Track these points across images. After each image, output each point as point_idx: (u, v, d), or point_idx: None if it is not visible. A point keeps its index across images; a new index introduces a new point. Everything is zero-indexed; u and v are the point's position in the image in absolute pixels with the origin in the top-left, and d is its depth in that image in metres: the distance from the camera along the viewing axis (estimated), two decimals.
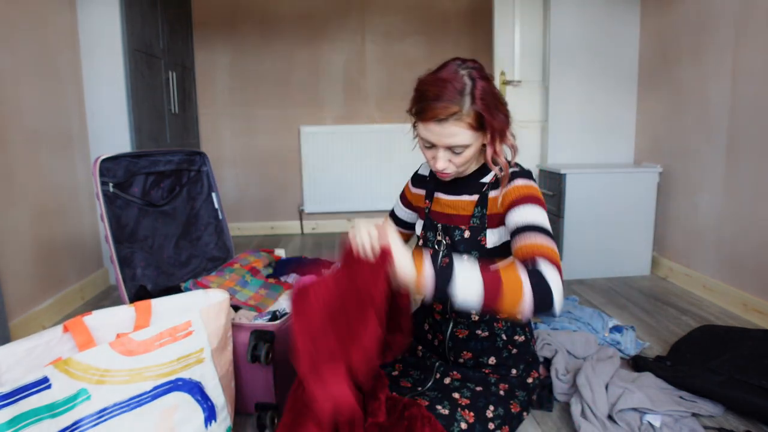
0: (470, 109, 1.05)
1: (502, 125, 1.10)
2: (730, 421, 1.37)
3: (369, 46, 3.79)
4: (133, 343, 1.00)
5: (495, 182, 1.18)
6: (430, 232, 1.27)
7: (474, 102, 1.05)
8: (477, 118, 1.06)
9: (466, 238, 1.18)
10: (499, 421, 1.12)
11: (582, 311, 2.01)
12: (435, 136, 1.09)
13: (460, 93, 1.05)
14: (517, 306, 0.90)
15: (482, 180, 1.21)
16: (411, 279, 0.91)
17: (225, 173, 3.81)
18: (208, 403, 1.13)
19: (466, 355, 1.23)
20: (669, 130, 2.61)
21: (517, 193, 1.12)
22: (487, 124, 1.07)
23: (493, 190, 1.17)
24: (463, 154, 1.10)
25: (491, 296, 0.89)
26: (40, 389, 0.89)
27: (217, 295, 1.27)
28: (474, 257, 1.18)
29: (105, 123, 2.51)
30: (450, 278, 0.91)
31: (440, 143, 1.09)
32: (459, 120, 1.05)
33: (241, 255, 2.11)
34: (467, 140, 1.08)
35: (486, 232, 1.16)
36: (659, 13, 2.66)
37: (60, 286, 2.23)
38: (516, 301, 0.90)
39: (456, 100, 1.04)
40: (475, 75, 1.07)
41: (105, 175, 1.62)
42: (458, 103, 1.04)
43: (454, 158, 1.11)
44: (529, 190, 1.12)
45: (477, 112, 1.05)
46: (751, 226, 2.08)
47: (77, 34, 2.45)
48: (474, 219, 1.19)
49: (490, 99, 1.07)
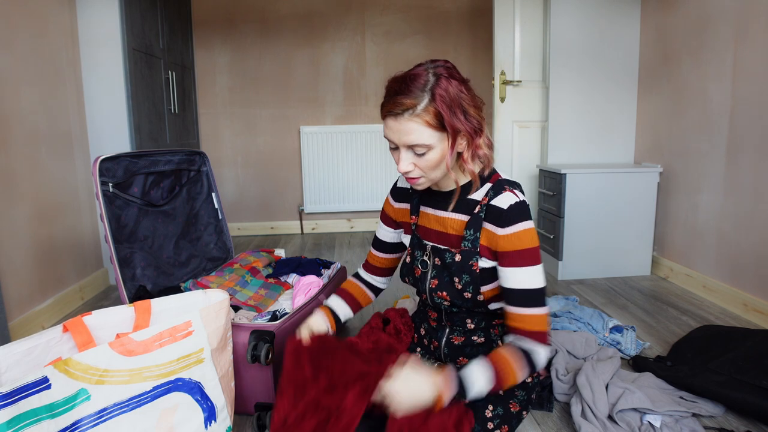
0: (428, 106, 1.00)
1: (466, 129, 1.03)
2: (731, 422, 1.37)
3: (369, 46, 3.79)
4: (132, 343, 1.00)
5: (486, 206, 1.11)
6: (418, 251, 1.23)
7: (433, 99, 1.00)
8: (436, 116, 1.00)
9: (457, 261, 1.14)
10: (498, 420, 1.12)
11: (582, 311, 2.01)
12: (393, 133, 1.04)
13: (420, 89, 1.01)
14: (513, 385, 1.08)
15: (471, 196, 1.14)
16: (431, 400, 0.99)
17: (225, 173, 3.81)
18: (207, 403, 1.13)
19: (462, 361, 1.23)
20: (669, 130, 2.61)
21: (517, 245, 1.06)
22: (446, 125, 1.01)
23: (486, 220, 1.10)
24: (426, 156, 1.03)
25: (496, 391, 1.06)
26: (40, 389, 0.89)
27: (217, 295, 1.27)
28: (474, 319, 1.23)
29: (105, 123, 2.51)
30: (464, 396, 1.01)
31: (399, 142, 1.03)
32: (415, 116, 1.00)
33: (241, 255, 2.11)
34: (426, 140, 1.01)
35: (477, 258, 1.12)
36: (659, 13, 2.66)
37: (60, 286, 2.23)
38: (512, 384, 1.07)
39: (414, 95, 1.00)
40: (441, 72, 1.02)
41: (105, 175, 1.62)
42: (415, 98, 1.00)
43: (418, 161, 1.04)
44: (526, 242, 1.06)
45: (436, 110, 1.00)
46: (752, 226, 2.08)
47: (77, 34, 2.45)
48: (465, 242, 1.13)
49: (454, 99, 1.01)
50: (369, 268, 1.43)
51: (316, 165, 3.79)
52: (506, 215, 1.07)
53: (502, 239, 1.07)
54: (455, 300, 1.16)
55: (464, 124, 1.03)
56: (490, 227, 1.09)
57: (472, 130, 1.05)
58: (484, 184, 1.14)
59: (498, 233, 1.08)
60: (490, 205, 1.10)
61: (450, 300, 1.17)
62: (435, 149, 1.03)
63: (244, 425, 1.39)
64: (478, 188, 1.14)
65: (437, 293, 1.18)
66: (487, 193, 1.12)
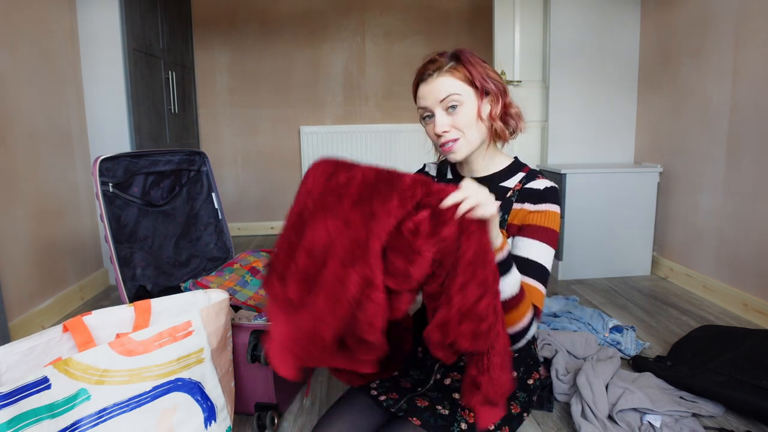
0: (456, 65, 1.07)
1: (494, 88, 1.09)
2: (731, 421, 1.37)
3: (369, 46, 3.79)
4: (132, 343, 1.00)
5: (520, 190, 1.13)
6: None
7: (459, 60, 1.07)
8: (464, 73, 1.06)
9: None
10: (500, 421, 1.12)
11: (582, 311, 2.01)
12: (426, 98, 1.09)
13: (445, 57, 1.08)
14: (512, 325, 0.99)
15: (503, 184, 1.17)
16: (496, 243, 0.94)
17: (225, 173, 3.81)
18: (207, 403, 1.13)
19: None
20: (669, 130, 2.61)
21: (541, 220, 1.09)
22: (475, 80, 1.07)
23: (518, 201, 1.13)
24: (461, 111, 1.07)
25: (513, 303, 0.98)
26: (40, 389, 0.89)
27: (217, 295, 1.27)
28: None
29: (105, 123, 2.51)
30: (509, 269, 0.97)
31: (433, 101, 1.08)
32: (444, 72, 1.06)
33: (241, 255, 2.11)
34: (455, 89, 1.06)
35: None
36: (659, 13, 2.66)
37: (60, 286, 2.23)
38: (516, 321, 0.99)
39: (440, 60, 1.08)
40: (462, 48, 1.10)
41: (105, 175, 1.62)
42: (442, 61, 1.08)
43: (454, 119, 1.08)
44: (552, 223, 1.09)
45: (463, 67, 1.06)
46: (751, 226, 2.08)
47: (77, 34, 2.45)
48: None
49: (478, 62, 1.08)
50: None
51: None
52: (542, 194, 1.11)
53: (532, 214, 1.10)
54: None
55: (491, 82, 1.09)
56: (524, 205, 1.12)
57: (499, 90, 1.10)
58: (516, 173, 1.17)
59: (530, 209, 1.10)
60: (525, 188, 1.13)
61: None
62: (467, 104, 1.07)
63: (244, 425, 1.39)
64: (507, 173, 1.16)
65: None
66: (521, 180, 1.15)
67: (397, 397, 1.12)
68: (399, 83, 3.80)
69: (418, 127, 4.42)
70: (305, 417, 1.44)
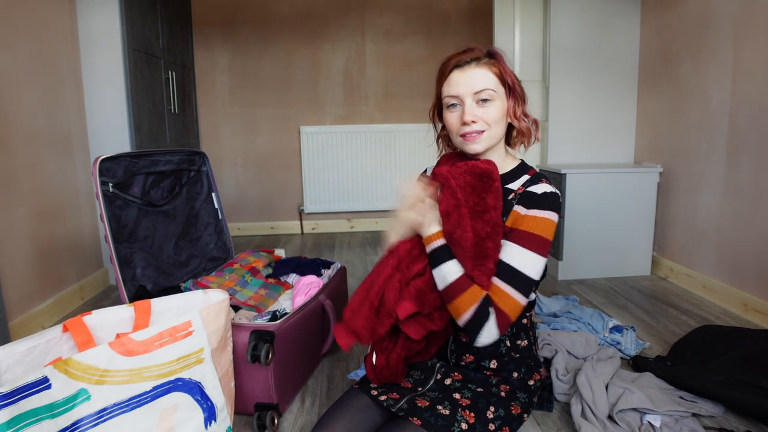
0: (491, 60, 1.11)
1: (519, 91, 1.14)
2: (731, 421, 1.37)
3: (369, 46, 3.79)
4: (132, 343, 1.00)
5: (522, 193, 1.13)
6: None
7: (494, 57, 1.11)
8: (498, 70, 1.10)
9: None
10: (500, 422, 1.12)
11: (582, 311, 2.01)
12: (459, 85, 1.10)
13: (480, 50, 1.12)
14: (456, 317, 1.07)
15: (508, 186, 1.16)
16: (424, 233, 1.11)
17: (225, 173, 3.81)
18: (207, 403, 1.13)
19: (468, 358, 1.23)
20: (669, 130, 2.61)
21: (529, 226, 1.07)
22: (507, 79, 1.11)
23: (518, 204, 1.13)
24: (491, 105, 1.10)
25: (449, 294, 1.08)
26: (40, 389, 0.89)
27: (216, 295, 1.27)
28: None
29: (105, 123, 2.51)
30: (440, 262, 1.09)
31: (467, 90, 1.09)
32: (482, 64, 1.10)
33: (241, 255, 2.11)
34: (492, 84, 1.09)
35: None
36: (660, 12, 2.66)
37: (60, 286, 2.23)
38: (457, 313, 1.07)
39: (477, 51, 1.11)
40: (492, 47, 1.14)
41: (105, 175, 1.62)
42: (479, 53, 1.11)
43: (484, 112, 1.10)
44: (542, 229, 1.07)
45: (497, 64, 1.10)
46: (752, 226, 2.08)
47: (77, 35, 2.45)
48: None
49: (507, 64, 1.14)
50: None
51: (316, 165, 3.79)
52: (537, 199, 1.10)
53: (522, 218, 1.09)
54: None
55: (518, 86, 1.13)
56: (518, 208, 1.12)
57: (523, 94, 1.15)
58: (521, 176, 1.17)
59: (521, 212, 1.10)
60: (526, 191, 1.13)
61: None
62: (498, 100, 1.11)
63: (244, 425, 1.39)
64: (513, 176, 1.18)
65: None
66: (524, 183, 1.15)
67: (398, 397, 1.12)
68: (399, 83, 3.80)
69: (418, 127, 4.44)
70: (305, 417, 1.44)
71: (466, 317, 1.05)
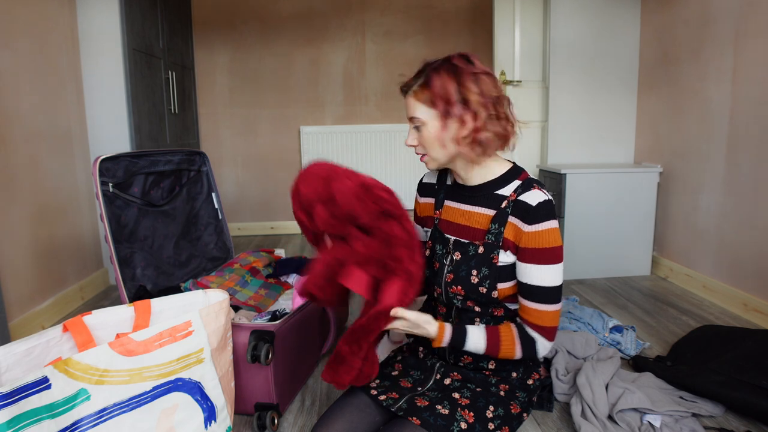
0: (422, 86, 1.10)
1: (460, 113, 1.06)
2: (731, 422, 1.37)
3: (369, 46, 3.79)
4: (132, 343, 1.00)
5: (514, 201, 1.12)
6: (439, 245, 1.23)
7: (427, 80, 1.09)
8: (429, 96, 1.08)
9: (479, 253, 1.15)
10: (499, 421, 1.12)
11: (582, 311, 2.01)
12: (406, 110, 1.16)
13: (422, 72, 1.12)
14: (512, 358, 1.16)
15: (499, 192, 1.16)
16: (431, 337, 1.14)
17: (225, 173, 3.82)
18: (207, 403, 1.13)
19: (466, 359, 1.23)
20: (669, 130, 2.61)
21: (540, 242, 1.09)
22: (436, 103, 1.07)
23: (512, 215, 1.12)
24: (423, 131, 1.11)
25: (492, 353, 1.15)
26: (40, 389, 0.89)
27: (216, 295, 1.27)
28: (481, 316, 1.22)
29: (105, 123, 2.51)
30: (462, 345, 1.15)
31: (407, 116, 1.15)
32: (412, 92, 1.11)
33: (241, 255, 2.11)
34: (419, 114, 1.10)
35: (499, 252, 1.13)
36: (659, 12, 2.66)
37: (60, 286, 2.23)
38: (511, 356, 1.15)
39: (415, 77, 1.12)
40: (450, 59, 1.10)
41: (105, 175, 1.62)
42: (414, 79, 1.12)
43: (419, 137, 1.13)
44: (549, 241, 1.09)
45: (428, 90, 1.08)
46: (752, 226, 2.08)
47: (77, 34, 2.45)
48: (489, 236, 1.14)
49: (450, 83, 1.06)
50: None
51: None
52: (534, 212, 1.09)
53: (526, 235, 1.10)
54: (470, 294, 1.16)
55: (457, 107, 1.07)
56: (517, 222, 1.12)
57: (470, 115, 1.07)
58: (512, 181, 1.16)
59: (524, 229, 1.10)
60: (519, 201, 1.12)
61: (464, 294, 1.17)
62: (429, 125, 1.11)
63: (244, 425, 1.39)
64: (503, 181, 1.16)
65: (452, 287, 1.18)
66: (516, 190, 1.14)
67: (397, 396, 1.12)
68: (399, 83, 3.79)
69: None
70: (305, 417, 1.44)
71: (518, 354, 1.14)
